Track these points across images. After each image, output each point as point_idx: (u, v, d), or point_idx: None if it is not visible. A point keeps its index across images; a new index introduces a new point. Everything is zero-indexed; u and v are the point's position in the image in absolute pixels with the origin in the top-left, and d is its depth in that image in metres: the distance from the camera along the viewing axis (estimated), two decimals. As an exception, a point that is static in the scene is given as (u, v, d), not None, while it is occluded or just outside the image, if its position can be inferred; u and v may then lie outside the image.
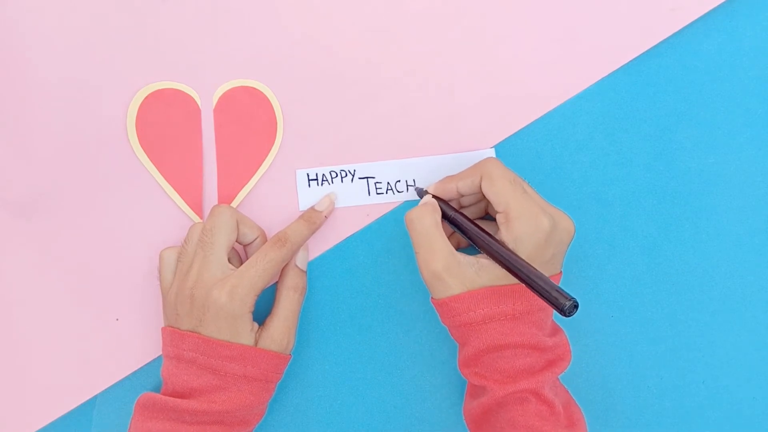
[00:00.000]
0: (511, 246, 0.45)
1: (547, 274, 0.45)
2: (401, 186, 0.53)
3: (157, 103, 0.53)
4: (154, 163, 0.53)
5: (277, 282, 0.51)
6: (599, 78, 0.53)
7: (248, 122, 0.53)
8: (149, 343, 0.53)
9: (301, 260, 0.51)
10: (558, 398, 0.47)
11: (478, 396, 0.47)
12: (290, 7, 0.53)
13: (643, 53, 0.53)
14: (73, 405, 0.53)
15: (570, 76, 0.53)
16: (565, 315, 0.41)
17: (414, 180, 0.53)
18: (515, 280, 0.45)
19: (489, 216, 0.52)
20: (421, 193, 0.51)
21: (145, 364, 0.53)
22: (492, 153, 0.53)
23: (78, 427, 0.53)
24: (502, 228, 0.46)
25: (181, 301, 0.48)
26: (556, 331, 0.49)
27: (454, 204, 0.50)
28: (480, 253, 0.47)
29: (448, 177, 0.50)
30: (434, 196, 0.50)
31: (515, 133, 0.53)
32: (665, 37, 0.53)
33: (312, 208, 0.52)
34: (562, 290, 0.42)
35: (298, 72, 0.53)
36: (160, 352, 0.52)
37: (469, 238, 0.47)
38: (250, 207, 0.53)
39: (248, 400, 0.47)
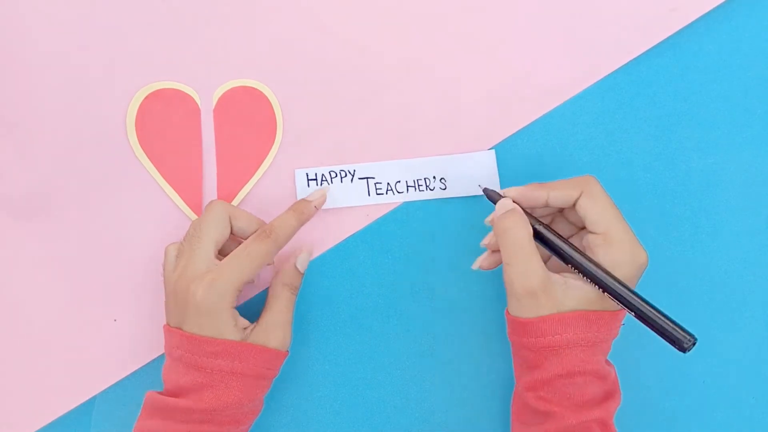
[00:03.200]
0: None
1: None
2: (401, 186, 0.53)
3: (157, 103, 0.53)
4: (153, 163, 0.53)
5: (272, 277, 0.51)
6: (599, 78, 0.53)
7: (248, 122, 0.53)
8: (147, 344, 0.53)
9: (301, 262, 0.51)
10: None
11: (537, 422, 0.45)
12: (290, 7, 0.53)
13: (643, 53, 0.53)
14: (73, 405, 0.52)
15: (570, 76, 0.53)
16: (683, 352, 0.40)
17: (415, 180, 0.53)
18: (601, 305, 0.44)
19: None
20: (494, 196, 0.48)
21: (144, 365, 0.53)
22: (492, 155, 0.53)
23: (77, 427, 0.53)
24: (599, 251, 0.44)
25: (169, 296, 0.47)
26: (608, 362, 0.48)
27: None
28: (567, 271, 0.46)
29: (536, 184, 0.47)
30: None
31: (515, 132, 0.53)
32: (665, 37, 0.53)
33: (303, 199, 0.51)
34: (682, 327, 0.41)
35: (298, 72, 0.53)
36: (159, 353, 0.52)
37: (564, 258, 0.45)
38: (250, 207, 0.53)
39: (237, 397, 0.46)
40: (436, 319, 0.53)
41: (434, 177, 0.53)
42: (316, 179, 0.53)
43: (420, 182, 0.53)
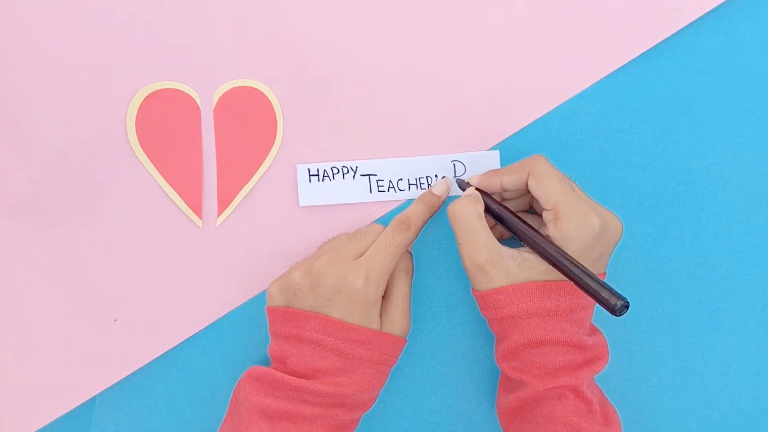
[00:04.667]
0: (558, 244, 0.45)
1: None
2: (403, 184, 0.53)
3: (157, 103, 0.53)
4: (153, 163, 0.53)
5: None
6: (599, 78, 0.53)
7: (248, 122, 0.53)
8: (147, 344, 0.53)
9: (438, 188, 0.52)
10: (595, 397, 0.47)
11: (514, 390, 0.48)
12: (290, 7, 0.53)
13: (643, 53, 0.53)
14: (73, 405, 0.53)
15: (570, 76, 0.53)
16: (615, 315, 0.41)
17: (417, 179, 0.53)
18: (559, 277, 0.45)
19: (531, 210, 0.52)
20: (463, 185, 0.51)
21: (144, 365, 0.53)
22: (497, 155, 0.53)
23: (77, 427, 0.53)
24: (550, 225, 0.46)
25: (305, 281, 0.47)
26: (594, 331, 0.49)
27: (496, 198, 0.50)
28: (522, 245, 0.47)
29: (492, 171, 0.50)
30: (477, 189, 0.50)
31: (516, 132, 0.53)
32: (665, 37, 0.53)
33: (429, 191, 0.52)
34: (613, 289, 0.41)
35: (298, 72, 0.53)
36: (159, 352, 0.52)
37: (515, 233, 0.47)
38: (250, 207, 0.53)
39: (370, 383, 0.47)
40: (436, 320, 0.53)
41: (436, 175, 0.53)
42: (317, 175, 0.53)
43: (422, 180, 0.53)
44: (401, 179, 0.53)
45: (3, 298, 0.53)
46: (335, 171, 0.53)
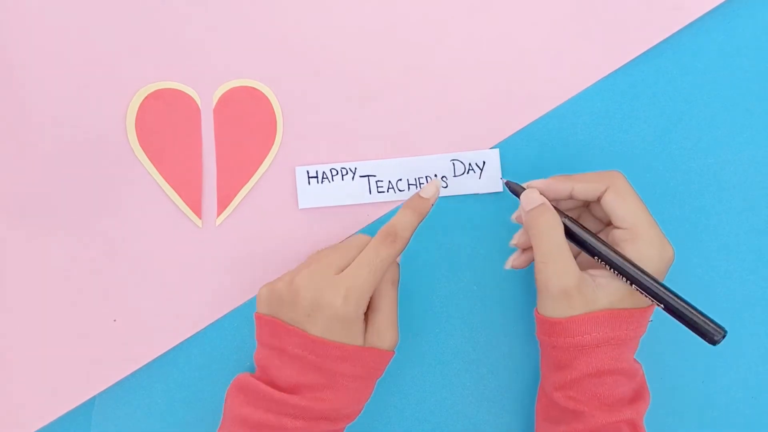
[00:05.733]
0: None
1: None
2: (403, 185, 0.53)
3: (157, 103, 0.53)
4: (153, 163, 0.53)
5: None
6: (599, 78, 0.53)
7: (248, 122, 0.53)
8: (147, 344, 0.53)
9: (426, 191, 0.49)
10: None
11: (566, 421, 0.45)
12: (290, 6, 0.53)
13: (643, 53, 0.53)
14: (72, 405, 0.52)
15: (570, 76, 0.53)
16: (713, 344, 0.41)
17: (416, 179, 0.53)
18: (631, 302, 0.44)
19: None
20: (517, 189, 0.47)
21: (144, 365, 0.53)
22: (496, 154, 0.53)
23: (77, 427, 0.53)
24: (626, 246, 0.44)
25: (284, 295, 0.46)
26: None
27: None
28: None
29: (562, 176, 0.46)
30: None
31: (516, 132, 0.53)
32: (665, 37, 0.53)
33: (417, 195, 0.48)
34: (713, 320, 0.41)
35: (298, 72, 0.53)
36: (159, 352, 0.52)
37: (595, 254, 0.45)
38: (250, 207, 0.53)
39: (354, 397, 0.46)
40: (436, 320, 0.53)
41: (435, 175, 0.53)
42: (316, 177, 0.53)
43: (422, 180, 0.53)
44: (401, 180, 0.53)
45: (3, 298, 0.53)
46: (334, 173, 0.53)
